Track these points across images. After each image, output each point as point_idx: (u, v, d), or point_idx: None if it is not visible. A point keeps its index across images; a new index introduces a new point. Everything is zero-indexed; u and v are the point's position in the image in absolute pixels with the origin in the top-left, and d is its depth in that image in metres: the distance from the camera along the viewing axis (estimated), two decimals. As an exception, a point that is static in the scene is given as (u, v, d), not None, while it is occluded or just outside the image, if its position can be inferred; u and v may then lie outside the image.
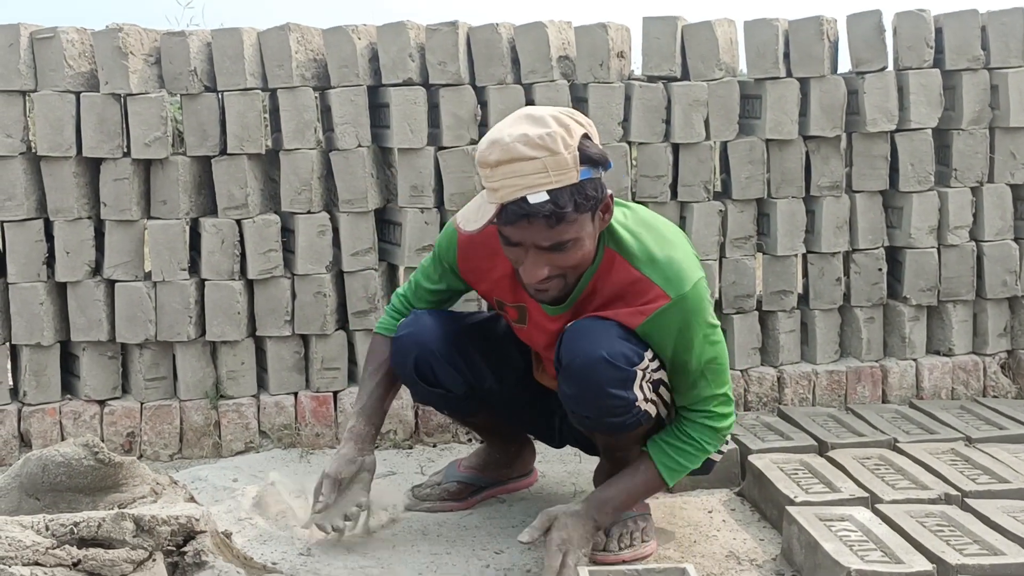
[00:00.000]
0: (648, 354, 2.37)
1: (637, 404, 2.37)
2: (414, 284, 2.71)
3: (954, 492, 2.68)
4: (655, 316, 2.34)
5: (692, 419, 2.47)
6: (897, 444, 3.08)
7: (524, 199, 2.15)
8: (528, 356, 2.74)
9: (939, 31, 3.56)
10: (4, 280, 3.36)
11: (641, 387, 2.37)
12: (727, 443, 2.64)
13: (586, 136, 2.23)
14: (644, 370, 2.36)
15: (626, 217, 2.43)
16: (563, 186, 2.15)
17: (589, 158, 2.20)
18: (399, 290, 2.76)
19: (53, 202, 3.32)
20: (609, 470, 2.64)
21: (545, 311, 2.47)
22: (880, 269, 3.63)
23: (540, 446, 3.05)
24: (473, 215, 2.26)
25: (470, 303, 3.28)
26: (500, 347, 2.70)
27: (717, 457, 2.61)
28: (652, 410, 2.43)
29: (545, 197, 2.14)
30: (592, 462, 2.89)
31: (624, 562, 2.46)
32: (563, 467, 3.19)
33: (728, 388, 2.49)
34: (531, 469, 3.02)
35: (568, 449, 3.03)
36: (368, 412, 2.65)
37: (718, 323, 2.45)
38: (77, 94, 3.30)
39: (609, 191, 2.29)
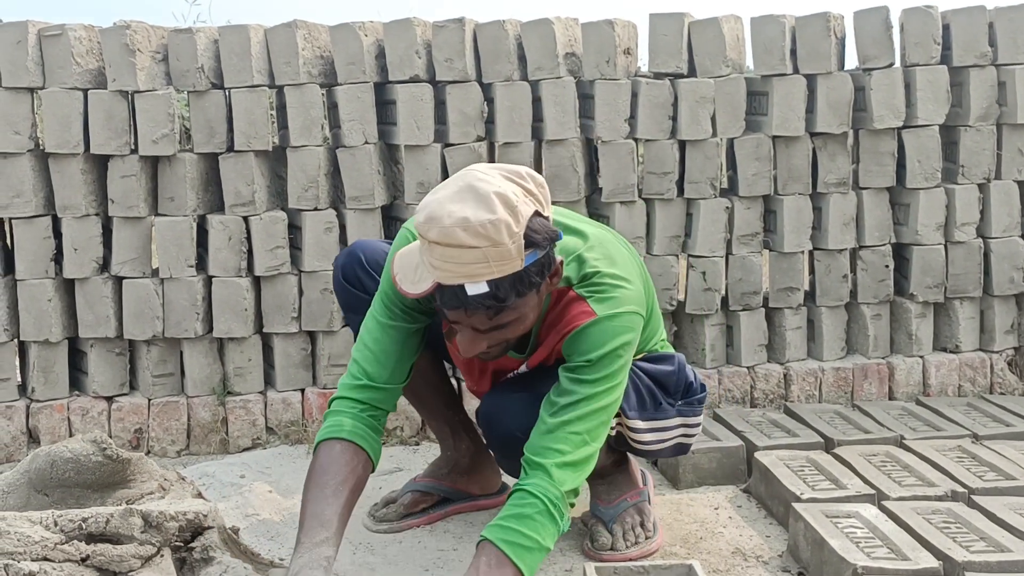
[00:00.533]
0: None
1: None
2: (367, 335, 2.37)
3: (961, 489, 2.68)
4: (578, 331, 2.21)
5: (532, 472, 2.17)
6: (904, 441, 3.08)
7: (462, 288, 2.00)
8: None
9: (946, 27, 3.55)
10: (12, 277, 3.37)
11: None
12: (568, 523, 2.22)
13: (536, 215, 2.04)
14: None
15: (594, 252, 2.28)
16: (504, 275, 1.99)
17: (534, 243, 2.02)
18: (354, 358, 2.39)
19: (61, 199, 3.33)
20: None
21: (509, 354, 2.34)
22: (887, 266, 3.62)
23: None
24: (411, 274, 2.08)
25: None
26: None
27: (692, 439, 2.56)
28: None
29: (484, 289, 1.99)
30: None
31: (631, 560, 2.44)
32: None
33: (582, 460, 2.18)
34: (500, 487, 2.84)
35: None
36: (334, 541, 2.16)
37: (626, 372, 2.27)
38: (85, 91, 3.30)
39: (559, 258, 2.15)
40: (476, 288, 1.99)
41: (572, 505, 2.20)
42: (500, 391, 2.42)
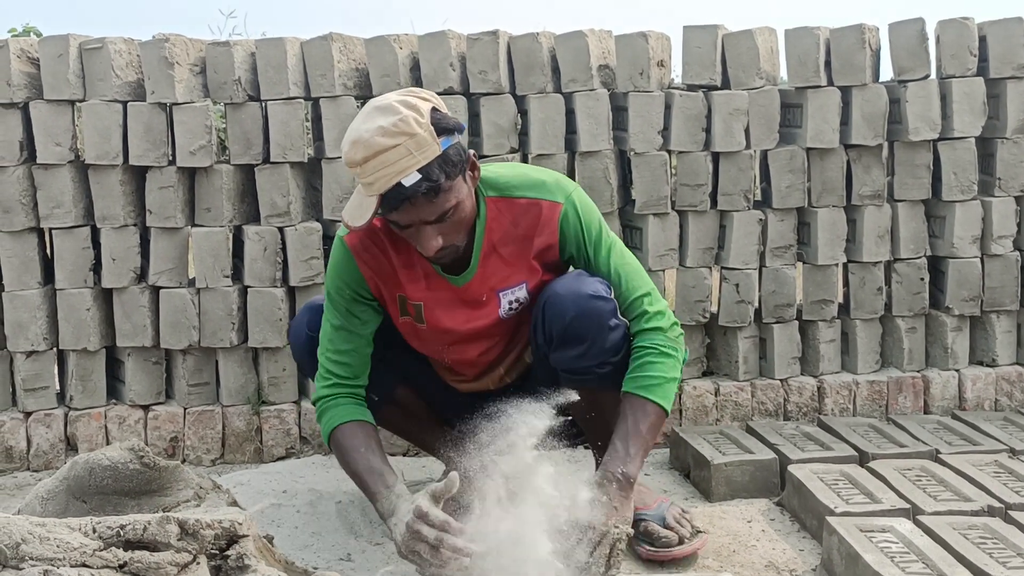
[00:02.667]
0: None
1: (627, 331, 2.48)
2: (325, 341, 2.59)
3: (997, 504, 2.65)
4: (561, 224, 2.49)
5: (640, 335, 2.48)
6: (939, 455, 3.05)
7: (399, 184, 2.24)
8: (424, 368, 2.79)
9: (983, 39, 3.53)
10: (52, 286, 3.42)
11: (620, 314, 2.48)
12: (685, 351, 2.57)
13: (434, 109, 2.31)
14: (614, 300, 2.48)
15: (495, 168, 2.55)
16: (429, 161, 2.25)
17: (445, 128, 2.29)
18: (321, 363, 2.60)
19: (100, 209, 3.38)
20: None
21: (453, 284, 2.52)
22: (922, 279, 3.60)
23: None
24: (356, 211, 2.32)
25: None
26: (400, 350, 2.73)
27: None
28: None
29: (417, 176, 2.24)
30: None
31: (685, 557, 2.53)
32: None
33: (650, 288, 2.54)
34: None
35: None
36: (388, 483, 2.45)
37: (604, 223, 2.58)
38: (124, 103, 3.35)
39: (471, 151, 2.40)
40: (410, 179, 2.24)
41: (679, 329, 2.54)
42: (545, 292, 2.49)
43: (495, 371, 2.71)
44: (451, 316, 2.56)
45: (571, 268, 2.58)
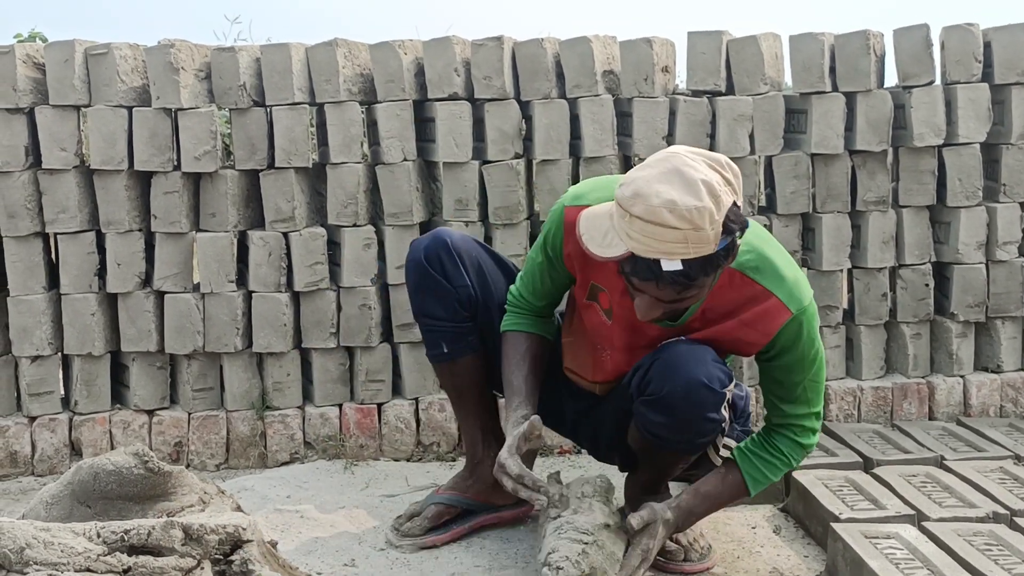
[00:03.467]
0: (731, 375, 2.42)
1: (724, 424, 2.43)
2: (524, 273, 2.64)
3: (1003, 511, 2.65)
4: (778, 333, 2.35)
5: (783, 433, 2.48)
6: (944, 462, 3.05)
7: (657, 262, 2.10)
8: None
9: (988, 45, 3.53)
10: (57, 291, 3.42)
11: (726, 407, 2.41)
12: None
13: (734, 205, 2.14)
14: (729, 391, 2.40)
15: (750, 236, 2.36)
16: (697, 257, 2.10)
17: (731, 230, 2.13)
18: (512, 288, 2.68)
19: (105, 214, 3.38)
20: (646, 480, 2.65)
21: (655, 321, 2.39)
22: (927, 285, 3.59)
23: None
24: (599, 238, 2.17)
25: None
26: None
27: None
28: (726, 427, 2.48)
29: (679, 266, 2.10)
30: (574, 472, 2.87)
31: (707, 569, 2.58)
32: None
33: (821, 407, 2.50)
34: (520, 500, 2.73)
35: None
36: (529, 402, 2.54)
37: (822, 345, 2.45)
38: (129, 109, 3.36)
39: (739, 245, 2.23)
40: (671, 265, 2.10)
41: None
42: (670, 350, 2.40)
43: (609, 383, 2.63)
44: (631, 337, 2.48)
45: (754, 360, 2.50)
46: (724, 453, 2.51)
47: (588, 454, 2.98)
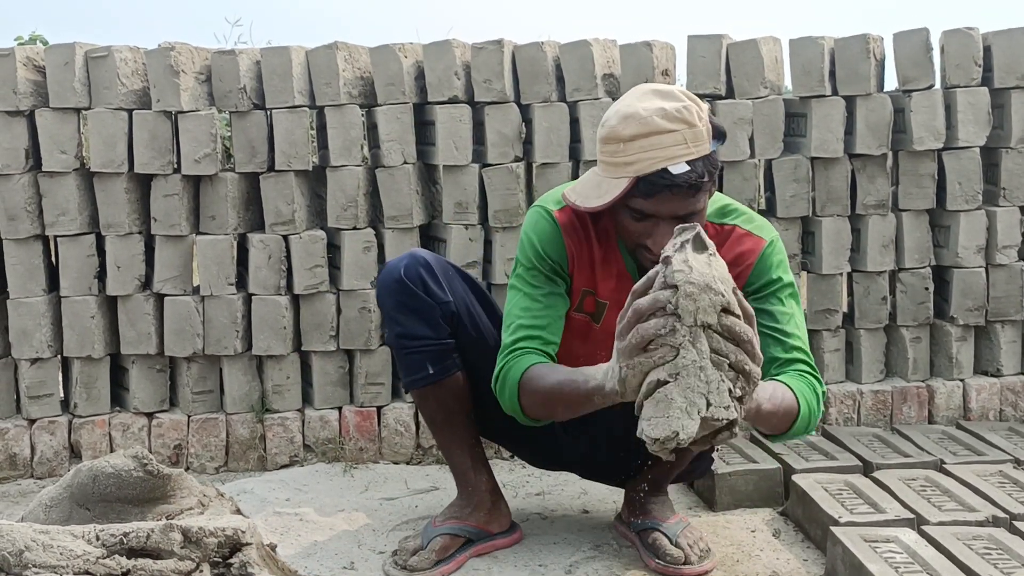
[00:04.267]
0: None
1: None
2: (517, 309, 2.42)
3: (1002, 515, 2.65)
4: (758, 260, 2.39)
5: (796, 368, 2.33)
6: (944, 465, 3.05)
7: (665, 170, 2.15)
8: None
9: (987, 49, 3.53)
10: (57, 293, 3.43)
11: None
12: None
13: (709, 109, 2.26)
14: None
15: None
16: (700, 156, 2.17)
17: (717, 131, 2.23)
18: (506, 340, 2.41)
19: (105, 217, 3.38)
20: (652, 481, 2.67)
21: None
22: (927, 288, 3.60)
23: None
24: (593, 191, 2.23)
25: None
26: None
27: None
28: None
29: (686, 167, 2.15)
30: (571, 483, 2.94)
31: (706, 572, 2.55)
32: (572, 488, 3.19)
33: (809, 351, 2.39)
34: (513, 525, 2.78)
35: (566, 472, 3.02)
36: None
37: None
38: (129, 111, 3.36)
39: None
40: (679, 167, 2.15)
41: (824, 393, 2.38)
42: None
43: None
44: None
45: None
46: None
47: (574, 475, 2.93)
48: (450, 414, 2.64)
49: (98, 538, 2.06)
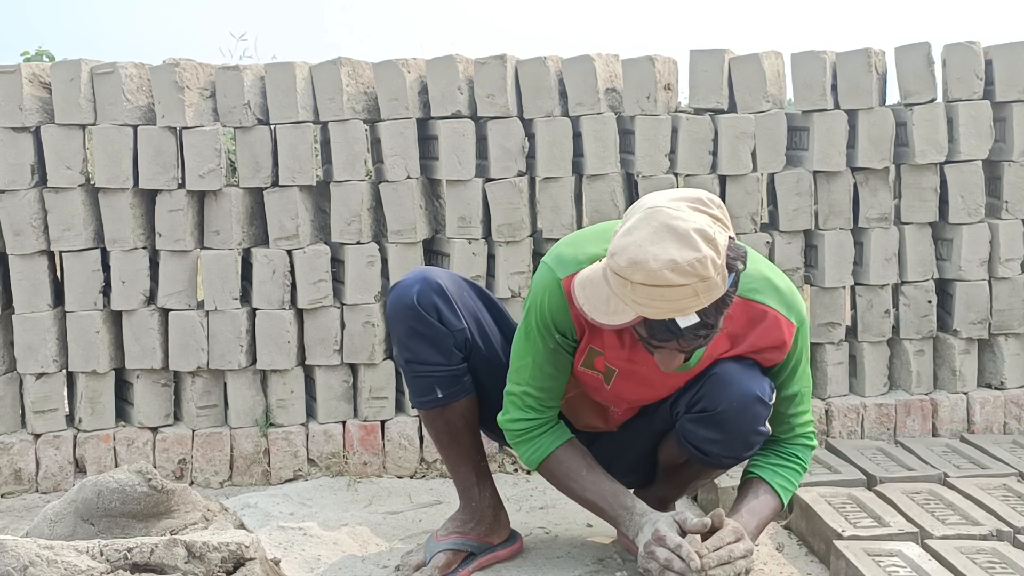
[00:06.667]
0: None
1: (766, 436, 2.46)
2: (524, 372, 2.45)
3: (1006, 528, 2.64)
4: (792, 346, 2.41)
5: (795, 442, 2.53)
6: (947, 479, 3.04)
7: (673, 322, 2.08)
8: None
9: (989, 63, 3.54)
10: (62, 308, 3.44)
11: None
12: None
13: (730, 240, 2.12)
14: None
15: None
16: (711, 303, 2.08)
17: (733, 268, 2.11)
18: (512, 389, 2.48)
19: (110, 232, 3.40)
20: (661, 496, 2.68)
21: (660, 366, 2.34)
22: (930, 301, 3.60)
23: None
24: (602, 305, 2.12)
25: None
26: None
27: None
28: None
29: (696, 320, 2.08)
30: None
31: None
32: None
33: (812, 416, 2.59)
34: (512, 534, 2.78)
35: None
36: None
37: None
38: (134, 127, 3.37)
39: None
40: (688, 320, 2.08)
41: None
42: (719, 369, 2.39)
43: (621, 422, 2.64)
44: (638, 389, 2.48)
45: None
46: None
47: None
48: (457, 433, 2.64)
49: (102, 553, 2.07)
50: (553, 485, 2.55)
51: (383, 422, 3.49)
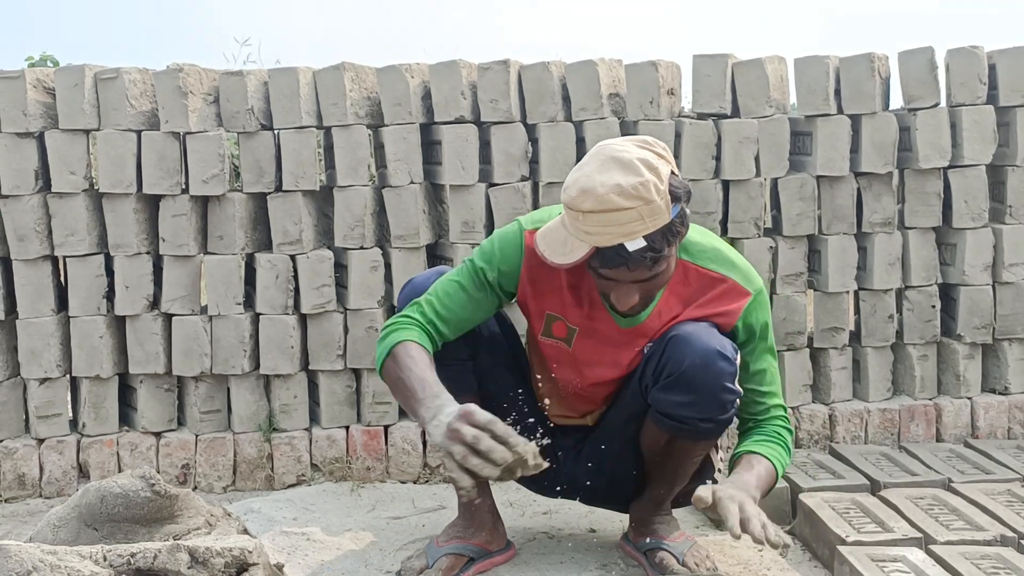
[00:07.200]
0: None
1: (739, 399, 2.44)
2: (439, 290, 2.49)
3: (1010, 534, 2.64)
4: (743, 315, 2.46)
5: (773, 423, 2.54)
6: (951, 484, 3.04)
7: (622, 246, 2.20)
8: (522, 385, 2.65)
9: (992, 67, 3.54)
10: (65, 313, 3.44)
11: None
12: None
13: (672, 173, 2.26)
14: (737, 362, 2.44)
15: (692, 229, 2.47)
16: (657, 228, 2.20)
17: (677, 196, 2.24)
18: (414, 302, 2.49)
19: (113, 237, 3.40)
20: (655, 496, 2.66)
21: (616, 323, 2.48)
22: (933, 306, 3.59)
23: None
24: (559, 247, 2.26)
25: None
26: (509, 353, 2.68)
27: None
28: None
29: (643, 243, 2.20)
30: (578, 503, 2.88)
31: None
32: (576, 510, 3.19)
33: (783, 400, 2.59)
34: (508, 541, 2.78)
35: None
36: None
37: None
38: (138, 132, 3.38)
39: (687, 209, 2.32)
40: (635, 244, 2.20)
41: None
42: (678, 331, 2.42)
43: (599, 409, 2.65)
44: (600, 349, 2.51)
45: None
46: (719, 477, 2.54)
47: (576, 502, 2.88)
48: None
49: (105, 558, 2.07)
50: (387, 380, 2.41)
51: (386, 427, 3.49)
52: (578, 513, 3.11)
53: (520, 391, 2.62)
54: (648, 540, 2.65)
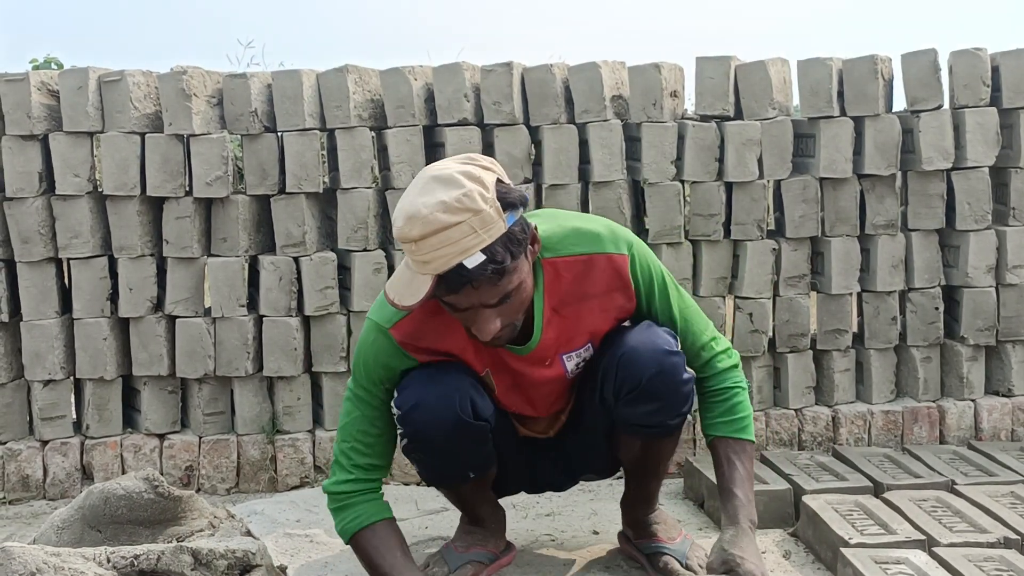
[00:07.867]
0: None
1: (694, 379, 2.45)
2: (350, 427, 2.44)
3: (1014, 536, 2.63)
4: (631, 274, 2.39)
5: (716, 375, 2.51)
6: (955, 486, 3.04)
7: (461, 265, 2.08)
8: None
9: (995, 69, 3.54)
10: (70, 315, 3.45)
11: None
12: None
13: (499, 181, 2.16)
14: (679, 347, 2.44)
15: (542, 222, 2.37)
16: (494, 240, 2.10)
17: (510, 203, 2.14)
18: (338, 451, 2.46)
19: (117, 240, 3.41)
20: (641, 494, 2.66)
21: (516, 354, 2.38)
22: (937, 308, 3.59)
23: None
24: (406, 289, 2.15)
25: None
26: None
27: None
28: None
29: (481, 258, 2.09)
30: (580, 504, 2.93)
31: None
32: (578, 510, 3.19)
33: (712, 326, 2.55)
34: (508, 543, 2.76)
35: (575, 492, 3.04)
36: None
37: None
38: (142, 135, 3.39)
39: (532, 223, 2.24)
40: (474, 260, 2.08)
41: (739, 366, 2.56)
42: (620, 346, 2.39)
43: (558, 421, 2.61)
44: (518, 382, 2.44)
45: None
46: None
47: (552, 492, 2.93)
48: (479, 491, 2.64)
49: (109, 560, 2.08)
50: (359, 557, 2.43)
51: (389, 429, 3.49)
52: (581, 515, 3.11)
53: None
54: (649, 543, 2.64)
